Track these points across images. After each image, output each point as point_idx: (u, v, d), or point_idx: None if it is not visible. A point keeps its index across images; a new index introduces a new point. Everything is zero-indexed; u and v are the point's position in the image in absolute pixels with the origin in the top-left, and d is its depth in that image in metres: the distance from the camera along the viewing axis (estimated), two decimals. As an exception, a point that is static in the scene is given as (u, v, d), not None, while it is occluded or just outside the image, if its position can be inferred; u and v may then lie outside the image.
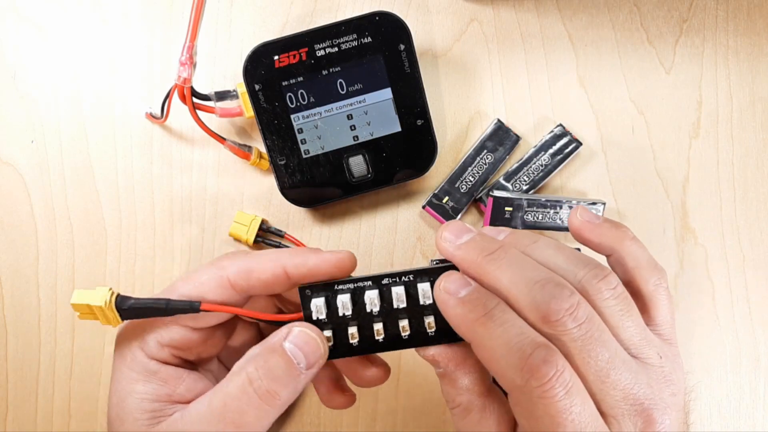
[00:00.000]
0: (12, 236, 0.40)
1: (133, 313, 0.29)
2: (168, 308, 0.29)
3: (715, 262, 0.40)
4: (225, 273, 0.30)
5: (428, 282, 0.29)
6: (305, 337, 0.28)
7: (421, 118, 0.37)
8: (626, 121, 0.40)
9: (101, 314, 0.29)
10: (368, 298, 0.29)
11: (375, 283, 0.29)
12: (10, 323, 0.40)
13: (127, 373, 0.30)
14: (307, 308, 0.29)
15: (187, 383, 0.31)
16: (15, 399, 0.40)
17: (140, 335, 0.30)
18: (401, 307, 0.29)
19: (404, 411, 0.41)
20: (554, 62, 0.40)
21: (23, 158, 0.40)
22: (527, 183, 0.39)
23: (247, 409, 0.27)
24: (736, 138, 0.40)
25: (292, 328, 0.28)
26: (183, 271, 0.40)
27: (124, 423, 0.29)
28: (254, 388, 0.27)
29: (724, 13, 0.40)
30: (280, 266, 0.30)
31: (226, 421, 0.27)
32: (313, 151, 0.37)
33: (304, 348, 0.28)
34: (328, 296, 0.29)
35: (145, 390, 0.30)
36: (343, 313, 0.29)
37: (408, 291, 0.29)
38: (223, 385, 0.28)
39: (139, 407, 0.29)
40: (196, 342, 0.31)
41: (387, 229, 0.40)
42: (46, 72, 0.40)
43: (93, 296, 0.28)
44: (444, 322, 0.28)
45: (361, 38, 0.36)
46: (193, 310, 0.29)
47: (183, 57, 0.38)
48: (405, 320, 0.29)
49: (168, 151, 0.40)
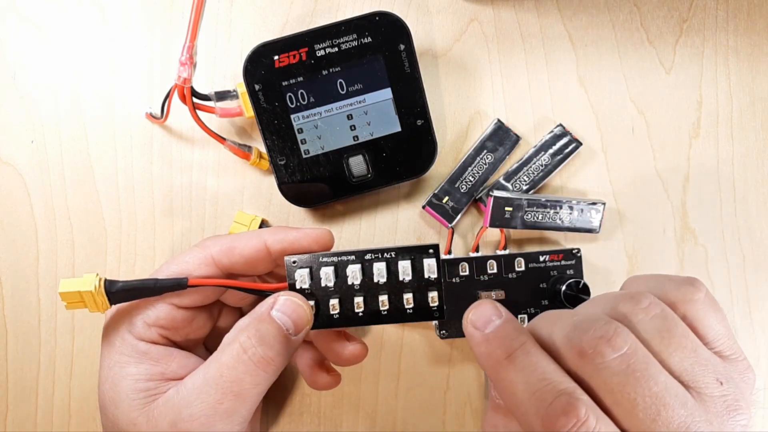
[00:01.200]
0: (12, 236, 0.40)
1: (122, 295, 0.30)
2: (157, 287, 0.30)
3: (715, 262, 0.40)
4: (208, 251, 0.32)
5: (409, 260, 0.30)
6: (291, 305, 0.30)
7: (421, 118, 0.37)
8: (626, 121, 0.40)
9: (90, 300, 0.29)
10: (350, 271, 0.30)
11: (358, 257, 0.31)
12: (10, 323, 0.40)
13: (117, 357, 0.31)
14: (292, 277, 0.31)
15: (178, 360, 0.31)
16: (15, 399, 0.40)
17: (127, 319, 0.31)
18: (381, 282, 0.30)
19: (404, 411, 0.41)
20: (554, 62, 0.40)
21: (23, 158, 0.40)
22: (527, 183, 0.39)
23: (244, 377, 0.28)
24: (736, 138, 0.40)
25: (278, 297, 0.30)
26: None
27: (119, 405, 0.30)
28: (249, 356, 0.28)
29: (724, 13, 0.40)
30: (261, 241, 0.31)
31: (224, 389, 0.28)
32: (313, 151, 0.37)
33: (291, 315, 0.29)
34: (312, 267, 0.31)
35: (138, 371, 0.30)
36: (326, 285, 0.31)
37: (389, 267, 0.31)
38: (216, 356, 0.29)
39: (134, 388, 0.30)
40: (182, 321, 0.32)
41: (387, 229, 0.40)
42: (46, 72, 0.40)
43: (81, 283, 0.29)
44: (422, 300, 0.30)
45: (361, 38, 0.36)
46: (181, 287, 0.30)
47: (183, 57, 0.38)
48: (384, 296, 0.31)
49: (168, 151, 0.40)
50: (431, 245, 0.30)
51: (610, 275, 0.40)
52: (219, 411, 0.28)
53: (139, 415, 0.29)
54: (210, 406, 0.28)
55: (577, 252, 0.37)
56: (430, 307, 0.31)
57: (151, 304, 0.31)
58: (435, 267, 0.31)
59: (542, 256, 0.37)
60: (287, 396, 0.41)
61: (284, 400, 0.41)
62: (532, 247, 0.40)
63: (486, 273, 0.37)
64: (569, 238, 0.40)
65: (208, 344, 0.36)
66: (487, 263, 0.37)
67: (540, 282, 0.37)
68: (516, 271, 0.37)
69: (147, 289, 0.30)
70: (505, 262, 0.37)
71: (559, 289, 0.36)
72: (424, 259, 0.31)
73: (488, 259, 0.37)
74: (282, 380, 0.41)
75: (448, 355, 0.40)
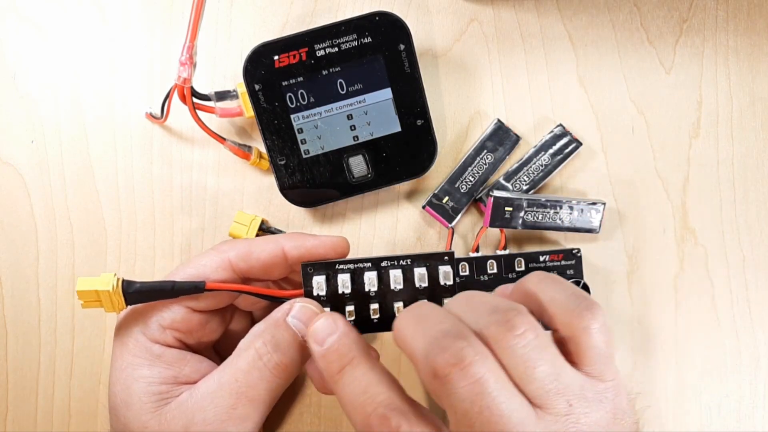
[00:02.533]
0: (12, 236, 0.40)
1: (139, 296, 0.30)
2: (174, 289, 0.30)
3: (715, 262, 0.40)
4: (226, 255, 0.32)
5: (424, 267, 0.31)
6: (307, 311, 0.30)
7: (421, 118, 0.37)
8: (626, 121, 0.40)
9: (107, 300, 0.29)
10: (367, 279, 0.31)
11: (374, 265, 0.31)
12: (10, 323, 0.40)
13: (130, 359, 0.30)
14: (308, 285, 0.31)
15: (191, 364, 0.31)
16: (15, 399, 0.40)
17: (141, 320, 0.31)
18: (398, 289, 0.31)
19: (404, 411, 0.41)
20: (554, 62, 0.40)
21: (23, 158, 0.40)
22: (527, 183, 0.39)
23: (259, 383, 0.28)
24: (736, 138, 0.40)
25: (294, 304, 0.30)
26: (183, 271, 0.40)
27: (131, 408, 0.29)
28: (264, 362, 0.28)
29: (724, 13, 0.40)
30: (278, 247, 0.32)
31: (238, 394, 0.28)
32: (313, 151, 0.37)
33: (306, 322, 0.29)
34: (328, 274, 0.31)
35: (151, 374, 0.30)
36: (342, 291, 0.30)
37: (405, 274, 0.31)
38: (231, 362, 0.29)
39: (146, 391, 0.30)
40: (197, 325, 0.32)
41: (387, 229, 0.40)
42: (46, 72, 0.40)
43: (99, 282, 0.29)
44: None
45: (361, 38, 0.36)
46: (198, 290, 0.30)
47: (183, 57, 0.38)
48: (400, 302, 0.31)
49: (168, 151, 0.40)
50: (447, 252, 0.31)
51: (610, 275, 0.40)
52: (233, 416, 0.28)
53: (150, 418, 0.29)
54: (224, 410, 0.28)
55: (577, 252, 0.37)
56: None
57: (166, 306, 0.31)
58: (451, 274, 0.31)
59: (542, 256, 0.37)
60: (287, 396, 0.41)
61: (284, 400, 0.41)
62: (532, 247, 0.40)
63: (486, 273, 0.37)
64: (569, 238, 0.40)
65: (218, 348, 0.36)
66: (487, 263, 0.37)
67: (540, 282, 0.37)
68: (516, 271, 0.37)
69: (164, 291, 0.30)
70: (505, 262, 0.37)
71: (559, 289, 0.36)
72: (440, 267, 0.31)
73: (488, 259, 0.37)
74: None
75: (448, 355, 0.40)
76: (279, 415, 0.41)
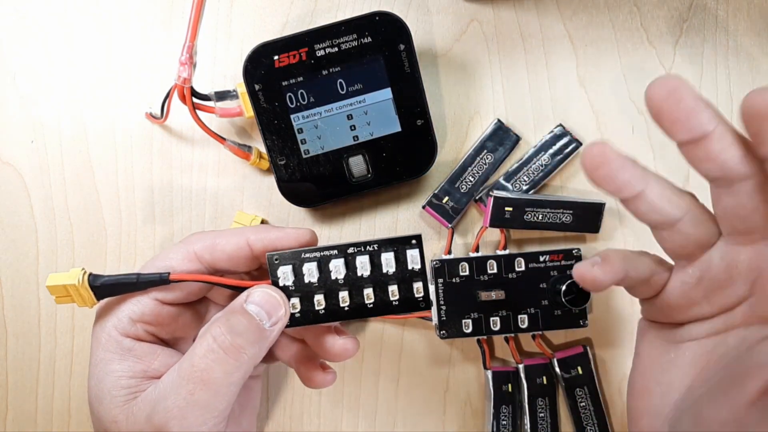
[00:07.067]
0: (12, 236, 0.40)
1: (106, 290, 0.30)
2: (139, 281, 0.30)
3: (715, 262, 0.40)
4: (192, 248, 0.32)
5: (392, 252, 0.30)
6: (265, 296, 0.30)
7: (421, 118, 0.37)
8: (626, 121, 0.40)
9: (76, 294, 0.30)
10: (333, 266, 0.30)
11: (340, 252, 0.30)
12: (10, 323, 0.40)
13: (103, 354, 0.31)
14: (274, 274, 0.30)
15: (161, 359, 0.31)
16: (15, 399, 0.40)
17: (114, 314, 0.31)
18: (365, 275, 0.30)
19: (404, 411, 0.41)
20: (554, 62, 0.40)
21: (23, 158, 0.40)
22: (527, 183, 0.39)
23: (214, 365, 0.28)
24: (736, 138, 0.40)
25: (252, 291, 0.30)
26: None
27: (102, 402, 0.30)
28: (218, 344, 0.28)
29: (724, 13, 0.40)
30: (243, 239, 0.32)
31: (194, 379, 0.28)
32: (313, 151, 0.37)
33: (264, 306, 0.29)
34: (295, 264, 0.31)
35: (121, 368, 0.30)
36: (309, 281, 0.30)
37: (372, 260, 0.30)
38: (189, 350, 0.29)
39: (117, 384, 0.30)
40: (168, 317, 0.32)
41: (387, 229, 0.40)
42: (47, 72, 0.40)
43: (67, 277, 0.30)
44: (407, 291, 0.30)
45: (361, 38, 0.36)
46: (163, 281, 0.30)
47: (183, 57, 0.38)
48: (369, 288, 0.30)
49: (168, 151, 0.40)
50: (414, 236, 0.30)
51: (610, 275, 0.40)
52: (191, 402, 0.28)
53: (119, 412, 0.29)
54: (182, 397, 0.28)
55: (577, 252, 0.37)
56: (416, 298, 0.30)
57: (136, 299, 0.31)
58: (418, 258, 0.30)
59: (542, 256, 0.37)
60: (287, 396, 0.41)
61: (284, 400, 0.41)
62: (532, 247, 0.40)
63: (486, 273, 0.37)
64: (569, 238, 0.40)
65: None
66: (487, 263, 0.37)
67: (540, 282, 0.37)
68: (516, 271, 0.37)
69: (130, 283, 0.30)
70: (505, 262, 0.37)
71: (559, 289, 0.36)
72: (407, 251, 0.30)
73: (488, 259, 0.37)
74: (282, 380, 0.41)
75: (448, 355, 0.40)
76: (279, 415, 0.41)
